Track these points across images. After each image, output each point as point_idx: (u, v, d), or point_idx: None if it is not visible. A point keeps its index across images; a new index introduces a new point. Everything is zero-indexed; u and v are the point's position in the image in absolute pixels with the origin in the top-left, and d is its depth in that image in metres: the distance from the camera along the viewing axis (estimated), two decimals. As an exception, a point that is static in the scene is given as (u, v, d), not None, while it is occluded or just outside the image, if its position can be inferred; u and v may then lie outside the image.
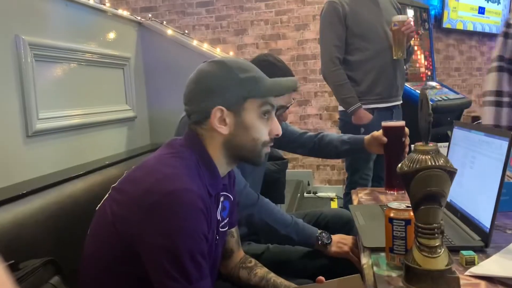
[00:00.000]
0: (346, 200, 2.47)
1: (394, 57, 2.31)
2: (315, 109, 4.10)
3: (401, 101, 2.48)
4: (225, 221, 1.10)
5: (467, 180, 1.13)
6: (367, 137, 1.60)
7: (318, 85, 4.04)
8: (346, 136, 1.68)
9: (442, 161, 0.76)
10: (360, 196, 1.48)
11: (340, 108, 2.43)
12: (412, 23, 2.29)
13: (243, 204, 1.34)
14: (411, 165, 0.78)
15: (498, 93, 1.41)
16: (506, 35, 1.42)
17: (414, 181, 0.77)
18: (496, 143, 1.01)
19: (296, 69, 4.10)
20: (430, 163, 0.76)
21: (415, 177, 0.77)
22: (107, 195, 0.97)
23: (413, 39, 2.33)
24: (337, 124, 4.00)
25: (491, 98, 1.43)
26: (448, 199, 1.16)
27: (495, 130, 1.03)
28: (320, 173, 4.13)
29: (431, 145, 0.78)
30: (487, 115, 1.43)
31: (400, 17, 2.25)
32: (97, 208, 0.98)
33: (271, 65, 1.43)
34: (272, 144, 1.03)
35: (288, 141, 1.70)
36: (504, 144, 0.97)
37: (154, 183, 0.87)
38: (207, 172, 0.96)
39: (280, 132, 1.02)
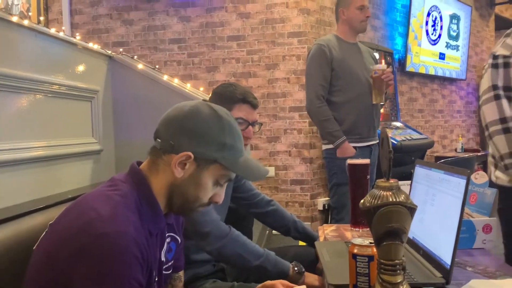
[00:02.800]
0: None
1: (374, 102, 2.48)
2: (285, 146, 4.14)
3: (378, 140, 2.59)
4: (170, 263, 1.06)
5: (428, 217, 1.16)
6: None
7: (287, 122, 4.11)
8: (300, 226, 1.69)
9: (402, 198, 0.78)
10: (326, 232, 1.49)
11: (324, 147, 2.58)
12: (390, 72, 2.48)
13: (214, 236, 1.34)
14: (373, 201, 0.79)
15: (503, 120, 1.43)
16: (495, 65, 1.47)
17: (376, 217, 0.78)
18: (454, 181, 1.04)
19: (266, 107, 4.16)
20: (391, 199, 0.78)
21: (376, 213, 0.78)
22: (44, 233, 0.92)
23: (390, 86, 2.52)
24: (306, 161, 4.05)
25: (497, 127, 1.44)
26: (410, 236, 1.18)
27: (454, 168, 1.07)
28: (289, 210, 4.12)
29: (392, 181, 0.80)
30: (500, 145, 1.43)
31: (381, 66, 2.46)
32: (34, 247, 0.92)
33: (231, 86, 1.50)
34: (207, 207, 1.01)
35: (242, 197, 1.68)
36: (462, 182, 1.01)
37: (87, 223, 0.83)
38: (149, 209, 0.92)
39: (220, 201, 1.00)
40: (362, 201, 0.81)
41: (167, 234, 1.03)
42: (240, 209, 1.75)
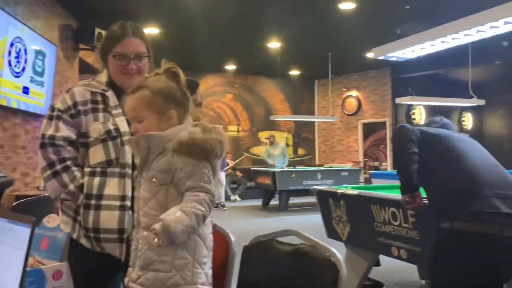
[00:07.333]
0: None
1: None
2: None
3: None
4: None
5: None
6: None
7: None
8: None
9: None
10: None
11: None
12: None
13: None
14: None
15: (51, 165, 1.53)
16: (50, 117, 1.59)
17: None
18: (19, 230, 0.94)
19: None
20: None
21: None
22: None
23: None
24: None
25: (48, 172, 1.54)
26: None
27: (18, 216, 0.97)
28: None
29: None
30: (52, 189, 1.54)
31: None
32: None
33: None
34: None
35: None
36: (27, 230, 0.92)
37: None
38: None
39: None
40: None
41: None
42: None
